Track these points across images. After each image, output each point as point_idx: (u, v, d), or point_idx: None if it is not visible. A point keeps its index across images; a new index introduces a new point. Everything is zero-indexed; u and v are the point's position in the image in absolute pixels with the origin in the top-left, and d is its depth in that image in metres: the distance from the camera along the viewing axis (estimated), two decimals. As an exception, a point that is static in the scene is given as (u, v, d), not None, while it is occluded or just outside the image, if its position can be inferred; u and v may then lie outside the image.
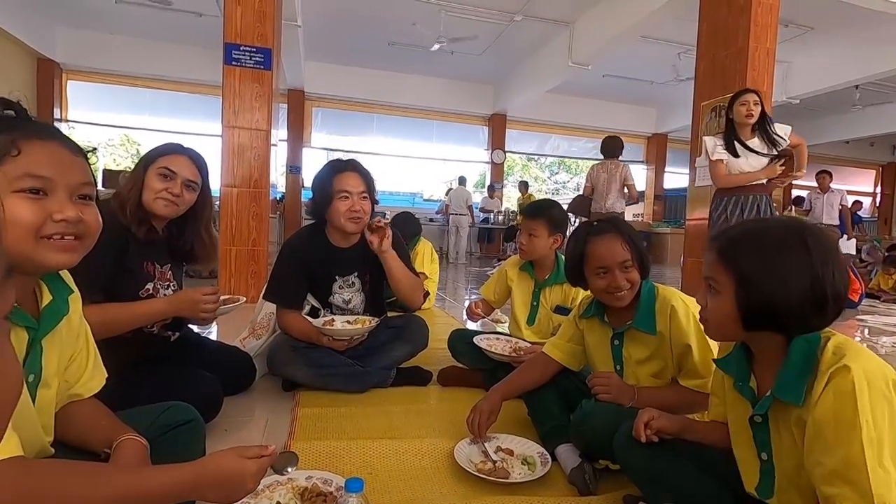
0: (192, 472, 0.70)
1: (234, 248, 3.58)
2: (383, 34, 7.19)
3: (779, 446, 0.82)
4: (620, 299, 1.25)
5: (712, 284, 0.83)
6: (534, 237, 1.87)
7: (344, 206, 1.76)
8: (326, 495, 1.05)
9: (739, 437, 0.90)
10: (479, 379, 1.92)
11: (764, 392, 0.83)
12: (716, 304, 0.82)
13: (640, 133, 10.80)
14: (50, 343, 0.75)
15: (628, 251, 1.23)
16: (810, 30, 6.44)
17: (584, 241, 1.28)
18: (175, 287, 1.47)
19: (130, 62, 7.61)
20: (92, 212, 0.73)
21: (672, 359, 1.25)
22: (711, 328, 0.87)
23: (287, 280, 1.85)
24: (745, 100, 2.96)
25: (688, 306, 1.23)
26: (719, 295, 0.81)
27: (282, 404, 1.70)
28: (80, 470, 0.66)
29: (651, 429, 0.98)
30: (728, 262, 0.80)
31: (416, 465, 1.29)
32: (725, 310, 0.80)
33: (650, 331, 1.24)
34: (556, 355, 1.42)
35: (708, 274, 0.83)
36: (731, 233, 0.84)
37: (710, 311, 0.84)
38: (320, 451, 1.30)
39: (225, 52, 3.52)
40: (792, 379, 0.77)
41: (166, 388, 1.33)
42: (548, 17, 6.41)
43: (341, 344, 1.75)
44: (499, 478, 1.19)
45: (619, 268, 1.23)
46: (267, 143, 3.64)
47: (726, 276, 0.80)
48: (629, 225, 1.31)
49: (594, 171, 5.11)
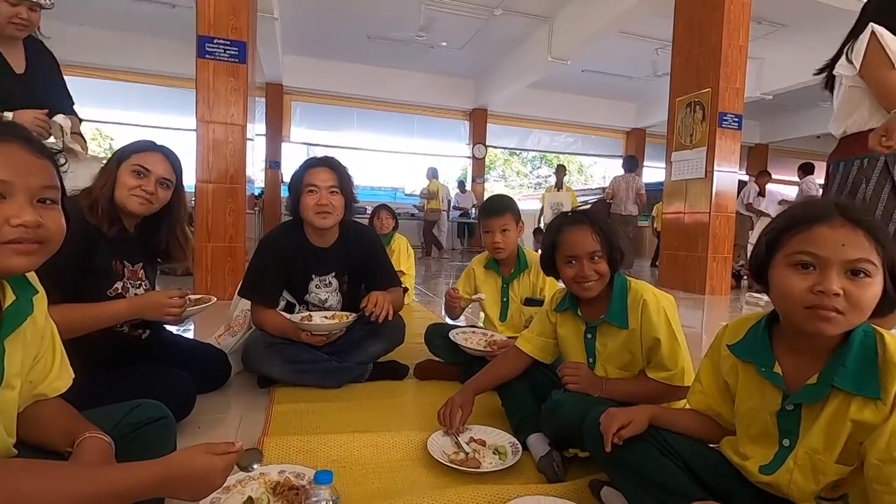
0: (158, 469, 0.70)
1: (210, 245, 3.53)
2: (363, 28, 7.13)
3: (807, 433, 0.80)
4: (588, 290, 1.28)
5: (866, 268, 0.74)
6: (507, 232, 1.91)
7: (311, 201, 1.75)
8: (298, 489, 1.06)
9: (754, 424, 0.88)
10: (456, 372, 1.94)
11: (794, 378, 0.81)
12: (872, 291, 0.74)
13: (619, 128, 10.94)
14: (13, 344, 0.74)
15: (598, 243, 1.25)
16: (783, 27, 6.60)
17: (557, 231, 1.31)
18: (147, 286, 1.45)
19: (101, 54, 7.40)
20: (54, 215, 0.72)
21: (641, 352, 1.28)
22: (849, 321, 0.75)
23: (263, 277, 1.83)
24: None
25: (659, 300, 1.26)
26: (871, 280, 0.74)
27: (257, 401, 1.70)
28: (44, 469, 0.65)
29: (620, 438, 0.96)
30: (879, 241, 0.74)
31: (389, 457, 1.30)
32: (876, 296, 0.74)
33: (623, 325, 1.27)
34: (528, 349, 1.45)
35: (862, 255, 0.73)
36: (857, 209, 0.77)
37: (864, 300, 0.74)
38: (294, 446, 1.31)
39: (198, 45, 3.45)
40: (859, 370, 0.75)
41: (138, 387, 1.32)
42: (527, 11, 6.44)
43: (319, 339, 1.75)
44: (470, 467, 1.21)
45: (587, 258, 1.26)
46: (243, 138, 3.60)
47: (878, 258, 0.74)
48: (605, 219, 1.33)
49: (616, 182, 6.60)
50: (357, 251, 1.91)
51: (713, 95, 4.69)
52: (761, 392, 0.87)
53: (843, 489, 0.80)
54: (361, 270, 1.94)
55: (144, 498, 0.69)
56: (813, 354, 0.80)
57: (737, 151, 4.87)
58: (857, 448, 0.76)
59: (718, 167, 4.76)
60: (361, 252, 1.92)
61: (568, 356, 1.41)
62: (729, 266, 5.00)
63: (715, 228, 4.82)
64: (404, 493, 1.11)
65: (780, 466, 0.84)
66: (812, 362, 0.80)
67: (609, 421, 0.98)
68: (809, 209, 0.79)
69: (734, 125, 4.76)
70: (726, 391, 0.96)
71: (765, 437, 0.87)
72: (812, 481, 0.80)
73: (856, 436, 0.75)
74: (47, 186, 0.71)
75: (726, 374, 0.95)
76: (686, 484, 0.93)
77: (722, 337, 0.96)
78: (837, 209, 0.76)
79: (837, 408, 0.77)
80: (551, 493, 1.11)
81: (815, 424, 0.79)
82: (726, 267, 4.94)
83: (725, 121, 4.71)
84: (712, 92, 4.69)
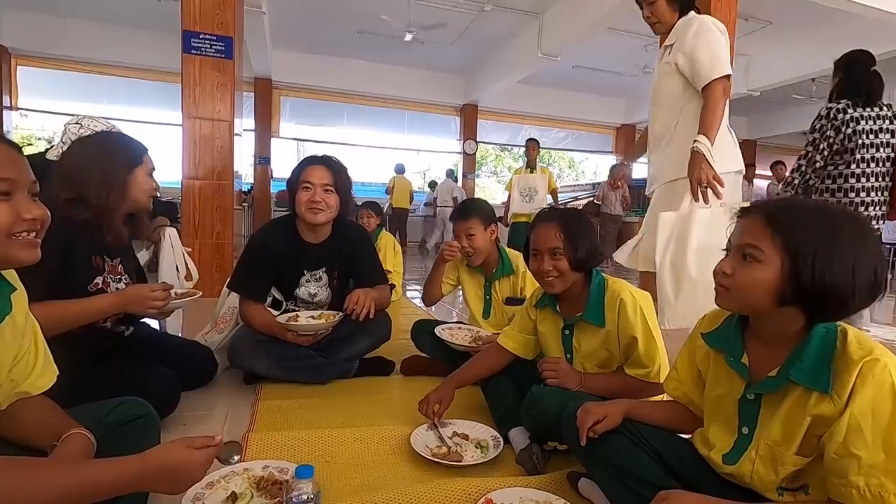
0: (137, 465, 0.71)
1: (197, 241, 3.51)
2: (352, 22, 7.08)
3: (767, 423, 0.83)
4: (549, 285, 1.32)
5: (752, 253, 0.79)
6: (473, 236, 1.91)
7: (305, 197, 1.76)
8: (282, 483, 1.08)
9: (719, 411, 0.92)
10: (442, 368, 1.96)
11: (761, 370, 0.84)
12: (753, 273, 0.78)
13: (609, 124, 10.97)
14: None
15: (560, 241, 1.28)
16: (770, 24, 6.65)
17: (532, 225, 1.37)
18: (128, 280, 1.46)
19: (85, 47, 7.25)
20: (44, 208, 0.77)
21: (619, 349, 1.31)
22: (734, 298, 0.83)
23: (253, 271, 1.84)
24: None
25: (636, 299, 1.29)
26: (759, 265, 0.78)
27: (243, 397, 1.71)
28: (20, 466, 0.65)
29: (596, 432, 0.99)
30: (780, 232, 0.77)
31: (373, 452, 1.32)
32: (764, 281, 0.77)
33: (599, 323, 1.30)
34: (509, 345, 1.48)
35: (747, 241, 0.79)
36: (780, 203, 0.81)
37: (740, 280, 0.80)
38: (279, 441, 1.32)
39: (183, 40, 3.42)
40: (813, 365, 0.77)
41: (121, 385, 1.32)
42: (517, 7, 6.43)
43: (306, 339, 1.76)
44: (452, 461, 1.24)
45: (547, 253, 1.29)
46: (230, 134, 3.57)
47: (774, 247, 0.77)
48: (579, 219, 1.34)
49: (604, 185, 7.07)
50: (347, 248, 1.93)
51: (700, 92, 4.72)
52: (729, 381, 0.90)
53: (803, 480, 0.84)
54: (350, 267, 1.95)
55: (124, 493, 0.70)
56: (778, 349, 0.83)
57: (723, 148, 4.91)
58: (815, 441, 0.79)
59: (705, 163, 4.80)
60: (351, 249, 1.94)
61: (548, 352, 1.44)
62: (715, 261, 5.07)
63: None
64: (386, 487, 1.14)
65: (740, 456, 0.87)
66: (777, 356, 0.83)
67: (584, 415, 1.01)
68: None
69: (721, 122, 4.80)
70: (699, 379, 1.00)
71: (726, 425, 0.91)
72: (772, 471, 0.83)
73: (814, 428, 0.78)
74: (35, 181, 0.76)
75: (700, 363, 0.99)
76: (658, 474, 0.96)
77: (699, 326, 1.00)
78: (761, 204, 0.83)
79: (796, 401, 0.80)
80: (530, 484, 1.13)
81: (775, 415, 0.83)
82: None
83: (712, 117, 4.75)
84: (699, 89, 4.73)
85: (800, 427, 0.79)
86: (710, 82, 1.75)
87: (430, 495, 1.09)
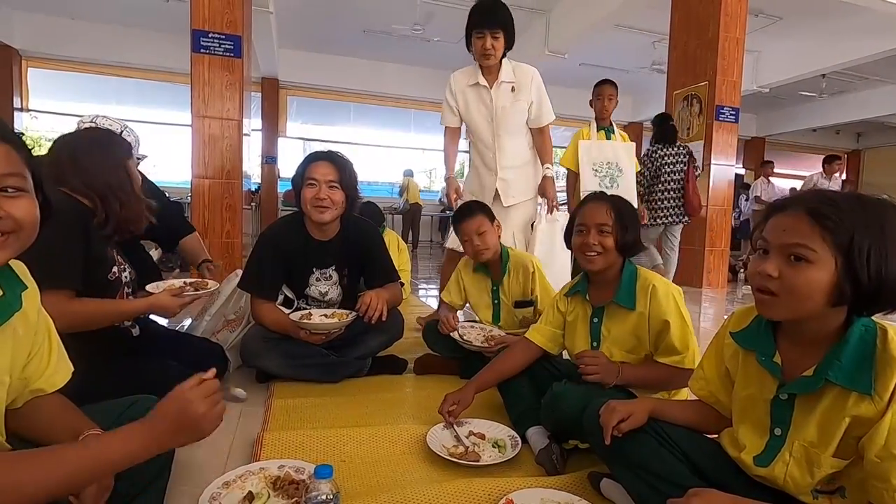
0: (142, 430, 0.68)
1: (206, 241, 3.51)
2: (358, 21, 7.08)
3: (801, 424, 0.80)
4: (590, 261, 1.31)
5: (802, 253, 0.73)
6: (484, 233, 1.89)
7: (310, 194, 1.74)
8: (298, 483, 1.06)
9: (750, 412, 0.89)
10: (455, 366, 1.94)
11: (794, 369, 0.81)
12: (806, 275, 0.72)
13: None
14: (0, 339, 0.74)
15: (610, 218, 1.29)
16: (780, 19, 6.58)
17: (580, 206, 1.38)
18: (129, 268, 1.45)
19: (94, 49, 7.31)
20: (20, 204, 0.68)
21: (648, 336, 1.30)
22: (784, 304, 0.76)
23: (263, 270, 1.83)
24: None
25: (668, 286, 1.30)
26: (812, 266, 0.72)
27: (256, 396, 1.70)
28: (28, 456, 0.64)
29: (620, 431, 0.96)
30: (829, 228, 0.71)
31: (389, 451, 1.31)
32: (820, 282, 0.72)
33: (629, 305, 1.30)
34: (538, 339, 1.46)
35: (794, 240, 0.73)
36: (821, 196, 0.75)
37: (790, 283, 0.74)
38: (293, 440, 1.31)
39: (193, 40, 3.42)
40: (853, 364, 0.74)
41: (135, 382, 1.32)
42: (523, 5, 6.39)
43: (318, 338, 1.74)
44: (470, 461, 1.22)
45: (595, 228, 1.30)
46: (239, 133, 3.58)
47: (826, 245, 0.72)
48: (630, 207, 1.36)
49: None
50: (357, 245, 1.91)
51: (710, 89, 4.68)
52: (760, 380, 0.87)
53: (839, 482, 0.81)
54: (361, 264, 1.93)
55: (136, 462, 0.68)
56: (813, 347, 0.80)
57: (734, 145, 4.87)
58: (854, 442, 0.76)
59: (715, 161, 4.77)
60: (361, 246, 1.92)
61: (573, 343, 1.43)
62: (726, 259, 5.02)
63: (712, 222, 4.83)
64: (404, 487, 1.12)
65: (773, 457, 0.84)
66: (812, 355, 0.80)
67: (609, 414, 0.99)
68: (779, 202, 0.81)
69: (731, 118, 4.76)
70: (727, 378, 0.97)
71: (757, 426, 0.88)
72: (807, 474, 0.80)
73: (853, 430, 0.76)
74: (8, 174, 0.66)
75: (728, 361, 0.96)
76: (685, 475, 0.94)
77: (727, 325, 0.97)
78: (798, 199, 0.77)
79: (833, 401, 0.77)
80: (551, 485, 1.11)
81: (810, 417, 0.80)
82: (723, 260, 4.95)
83: (722, 114, 4.71)
84: (709, 85, 4.69)
85: (838, 428, 0.76)
86: (546, 125, 2.42)
87: (450, 495, 1.07)
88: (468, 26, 2.35)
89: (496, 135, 2.39)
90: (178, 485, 1.10)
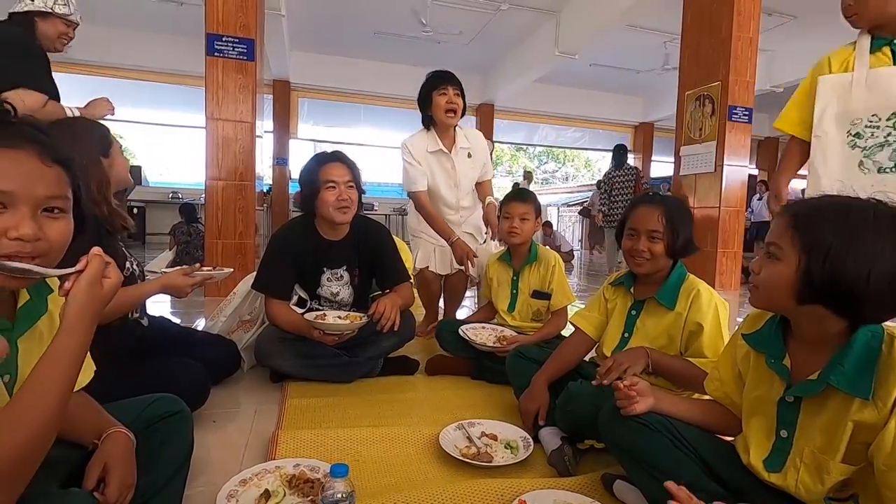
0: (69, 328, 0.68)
1: (220, 242, 3.56)
2: (368, 23, 7.12)
3: (806, 428, 0.82)
4: (638, 265, 1.33)
5: (773, 251, 0.81)
6: (526, 220, 1.97)
7: (332, 196, 1.77)
8: (314, 482, 1.08)
9: (758, 413, 0.90)
10: (467, 367, 1.95)
11: (802, 372, 0.82)
12: (772, 270, 0.80)
13: (627, 122, 10.83)
14: (27, 343, 0.74)
15: (661, 225, 1.29)
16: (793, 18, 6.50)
17: (631, 206, 1.38)
18: (132, 261, 1.47)
19: (109, 52, 7.43)
20: (58, 226, 0.68)
21: (681, 337, 1.31)
22: (760, 295, 0.84)
23: (276, 270, 1.85)
24: None
25: (713, 296, 1.30)
26: (778, 262, 0.79)
27: (270, 395, 1.72)
28: (14, 402, 0.63)
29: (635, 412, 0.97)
30: (800, 229, 0.77)
31: (401, 451, 1.32)
32: (782, 277, 0.78)
33: (670, 305, 1.31)
34: (587, 328, 1.47)
35: (771, 240, 0.82)
36: (811, 202, 0.81)
37: (763, 277, 0.82)
38: (308, 439, 1.33)
39: (207, 43, 3.47)
40: (854, 370, 0.75)
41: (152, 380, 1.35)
42: (534, 6, 6.39)
43: (331, 339, 1.75)
44: (482, 461, 1.22)
45: (645, 234, 1.30)
46: (252, 135, 3.61)
47: (792, 244, 0.78)
48: (683, 209, 1.35)
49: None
50: (368, 245, 1.93)
51: (723, 89, 4.63)
52: (769, 382, 0.89)
53: (852, 489, 0.80)
54: (372, 265, 1.95)
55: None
56: (821, 351, 0.81)
57: (747, 145, 4.81)
58: (863, 449, 0.76)
59: (728, 161, 4.71)
60: (372, 246, 1.94)
61: (606, 331, 1.44)
62: (738, 261, 4.96)
63: (724, 223, 4.78)
64: (417, 487, 1.13)
65: (780, 461, 0.85)
66: (819, 359, 0.81)
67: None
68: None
69: (744, 119, 4.70)
70: (740, 380, 0.98)
71: (764, 426, 0.89)
72: (818, 481, 0.80)
73: (858, 435, 0.75)
74: (54, 196, 0.67)
75: (740, 362, 0.97)
76: (700, 477, 0.94)
77: (741, 327, 0.99)
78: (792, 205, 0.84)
79: (837, 406, 0.78)
80: (563, 486, 1.11)
81: (816, 421, 0.80)
82: (736, 262, 4.90)
83: (735, 114, 4.65)
84: (722, 85, 4.63)
85: (842, 434, 0.76)
86: (489, 179, 2.60)
87: (463, 496, 1.08)
88: (425, 89, 2.37)
89: (458, 197, 2.47)
90: (196, 483, 1.13)
